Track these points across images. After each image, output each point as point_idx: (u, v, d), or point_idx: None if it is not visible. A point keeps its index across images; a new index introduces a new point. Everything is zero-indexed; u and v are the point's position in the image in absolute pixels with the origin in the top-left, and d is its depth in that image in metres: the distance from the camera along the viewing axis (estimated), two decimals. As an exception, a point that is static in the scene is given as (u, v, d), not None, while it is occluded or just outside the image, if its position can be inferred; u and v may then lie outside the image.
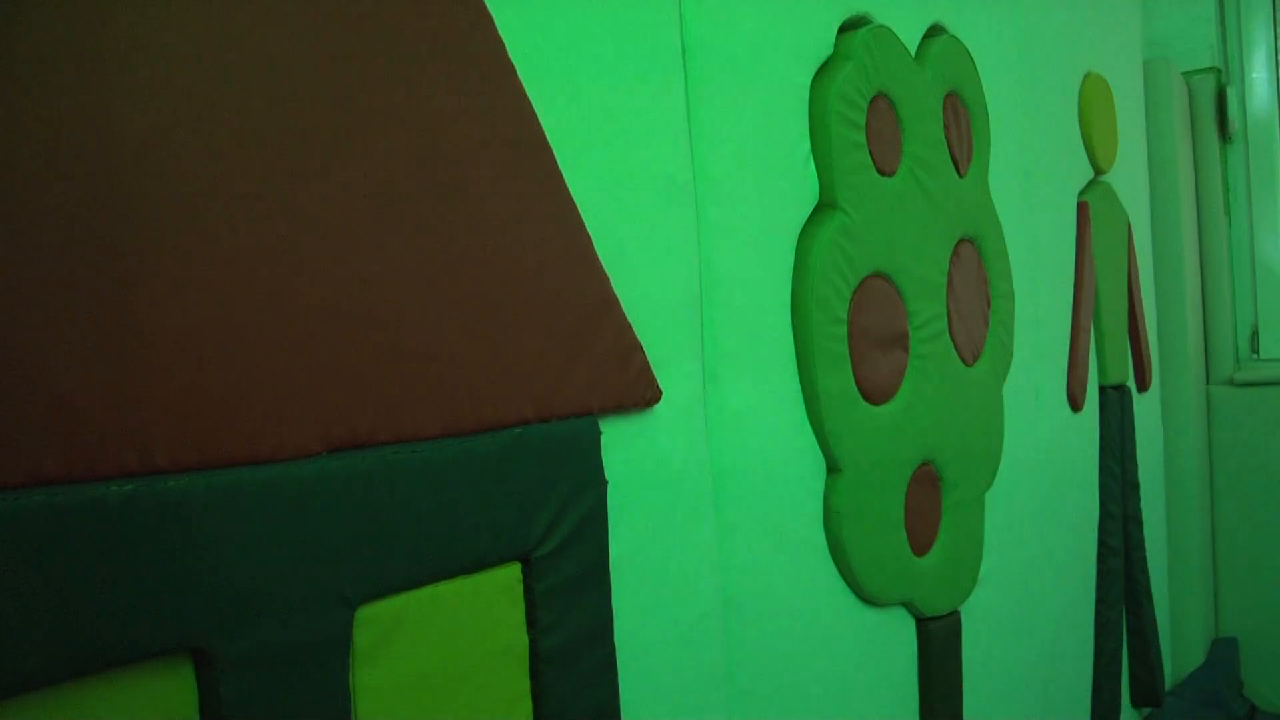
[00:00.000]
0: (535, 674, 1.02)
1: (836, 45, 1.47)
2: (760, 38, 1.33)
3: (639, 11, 1.15)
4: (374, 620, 0.87)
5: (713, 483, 1.21)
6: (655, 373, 1.12)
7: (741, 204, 1.28)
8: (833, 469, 1.40)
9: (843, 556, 1.41)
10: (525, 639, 1.01)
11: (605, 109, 1.10)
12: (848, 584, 1.45)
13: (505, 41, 0.98)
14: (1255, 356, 3.29)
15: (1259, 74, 3.25)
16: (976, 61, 1.84)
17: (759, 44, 1.33)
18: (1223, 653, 3.16)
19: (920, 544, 1.60)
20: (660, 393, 1.12)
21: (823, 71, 1.44)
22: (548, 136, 1.02)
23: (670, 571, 1.17)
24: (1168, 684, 2.85)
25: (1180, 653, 3.02)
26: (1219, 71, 3.27)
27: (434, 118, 0.92)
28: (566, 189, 1.04)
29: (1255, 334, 3.30)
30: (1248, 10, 3.25)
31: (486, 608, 0.97)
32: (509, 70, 0.99)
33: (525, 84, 1.00)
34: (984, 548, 1.80)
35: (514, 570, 1.00)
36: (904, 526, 1.55)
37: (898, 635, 1.59)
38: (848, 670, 1.47)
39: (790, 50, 1.39)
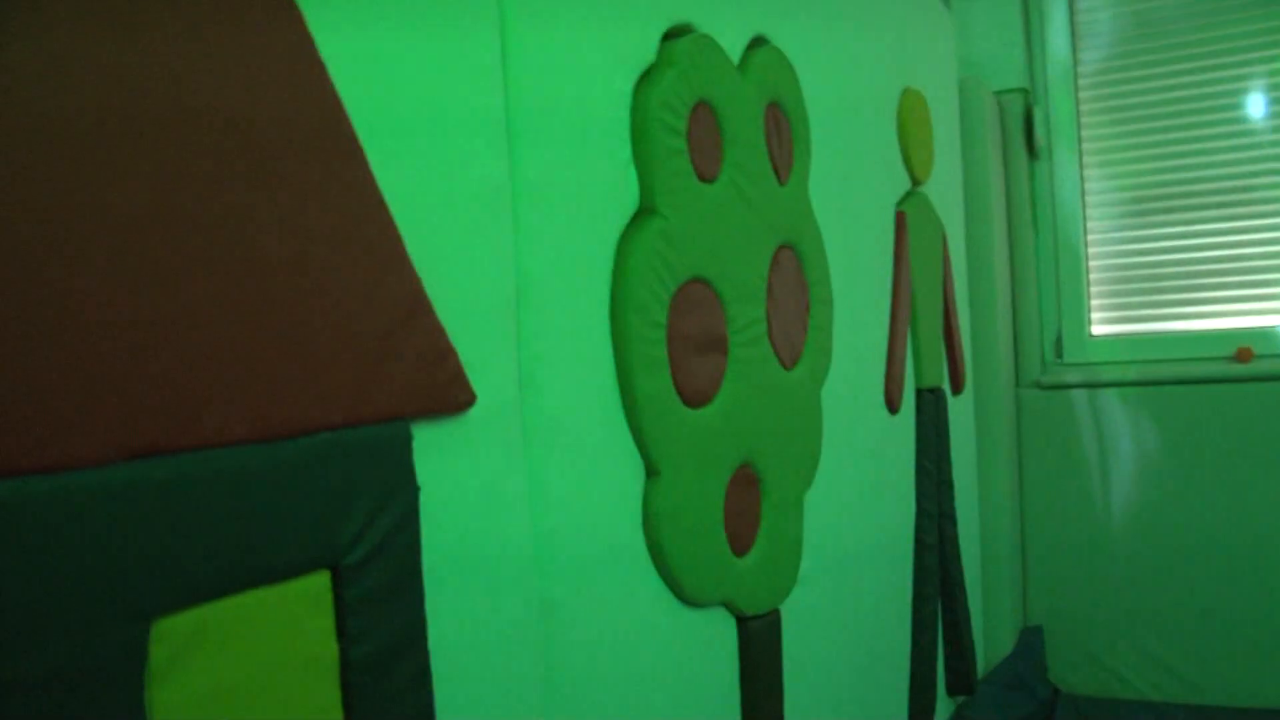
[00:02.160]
0: (346, 685, 1.00)
1: (659, 53, 1.48)
2: (582, 43, 1.33)
3: (458, 10, 1.14)
4: (171, 634, 0.83)
5: (529, 487, 1.21)
6: (469, 376, 1.11)
7: (560, 207, 1.28)
8: (652, 472, 1.41)
9: (662, 558, 1.43)
10: (335, 649, 0.99)
11: (421, 109, 1.08)
12: (668, 585, 1.46)
13: (314, 37, 0.96)
14: (1059, 361, 3.48)
15: (1061, 94, 3.44)
16: (798, 73, 1.89)
17: (581, 49, 1.33)
18: (1030, 641, 3.32)
19: (740, 544, 1.63)
20: (474, 396, 1.11)
21: (645, 78, 1.45)
22: (359, 135, 1.00)
23: (486, 577, 1.15)
24: (980, 672, 2.97)
25: (991, 642, 3.16)
26: (1027, 92, 3.44)
27: (236, 114, 0.89)
28: (378, 189, 1.02)
29: (1059, 340, 3.48)
30: (1052, 36, 3.43)
31: (293, 618, 0.94)
32: (317, 66, 0.96)
33: (336, 82, 0.98)
34: (803, 547, 1.84)
35: (322, 578, 0.97)
36: (724, 527, 1.57)
37: (718, 635, 1.61)
38: (669, 671, 1.48)
39: (612, 56, 1.40)
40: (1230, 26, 3.29)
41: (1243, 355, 3.24)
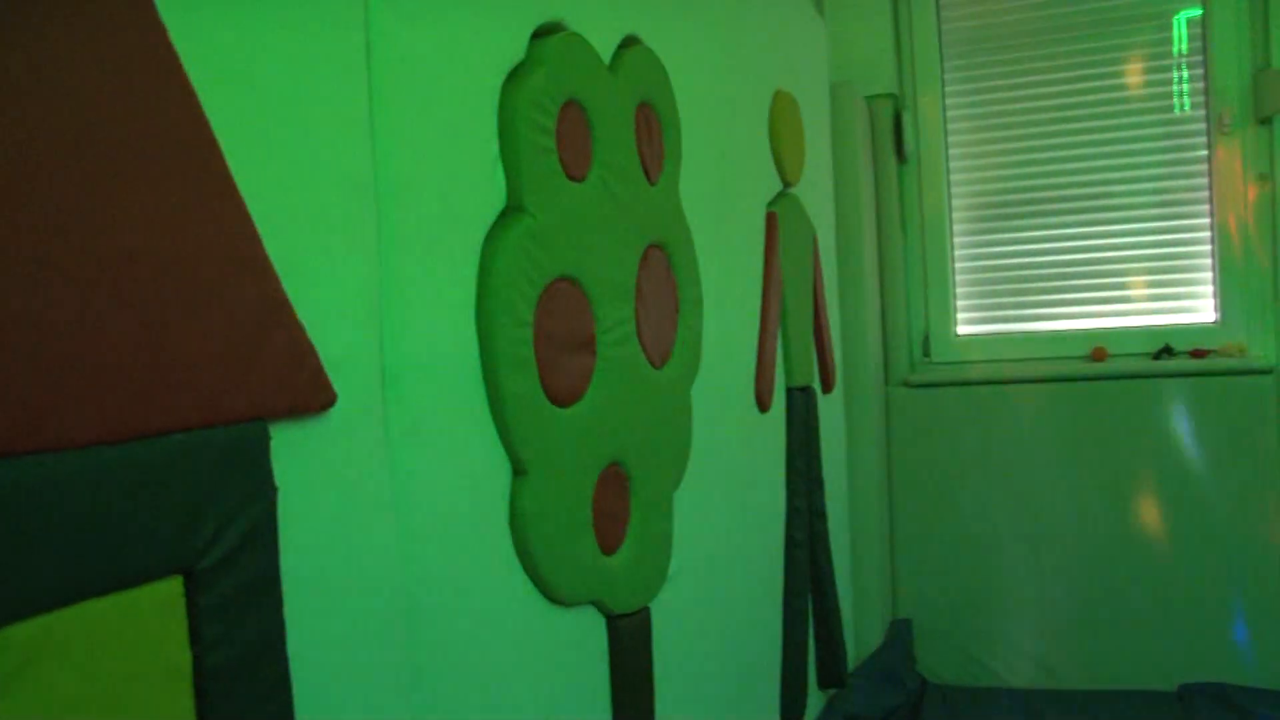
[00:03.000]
0: (200, 692, 0.97)
1: (529, 51, 1.48)
2: (450, 39, 1.32)
3: (320, 2, 1.12)
4: (11, 645, 0.80)
5: (392, 487, 1.19)
6: (330, 376, 1.09)
7: (425, 205, 1.26)
8: (519, 471, 1.40)
9: (530, 558, 1.42)
10: (188, 656, 0.96)
11: (280, 103, 1.06)
12: (535, 585, 1.46)
13: (168, 30, 0.93)
14: (927, 360, 3.57)
15: (929, 101, 3.54)
16: (670, 73, 1.90)
17: (449, 45, 1.32)
18: (899, 633, 3.41)
19: (609, 543, 1.63)
20: (335, 396, 1.09)
21: (514, 76, 1.44)
22: (214, 130, 0.97)
23: (348, 580, 1.14)
24: (851, 665, 3.04)
25: (862, 635, 3.23)
26: (896, 97, 3.53)
27: (86, 108, 0.86)
28: (234, 185, 0.99)
29: (927, 339, 3.58)
30: (921, 44, 3.53)
31: (144, 624, 0.91)
32: (172, 60, 0.93)
33: (192, 77, 0.95)
34: (673, 545, 1.86)
35: (175, 584, 0.94)
36: (592, 526, 1.58)
37: (587, 634, 1.61)
38: (537, 671, 1.48)
39: (481, 53, 1.38)
40: (1084, 42, 3.44)
41: (1098, 354, 3.38)
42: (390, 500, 1.19)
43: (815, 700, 2.75)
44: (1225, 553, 3.27)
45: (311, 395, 1.07)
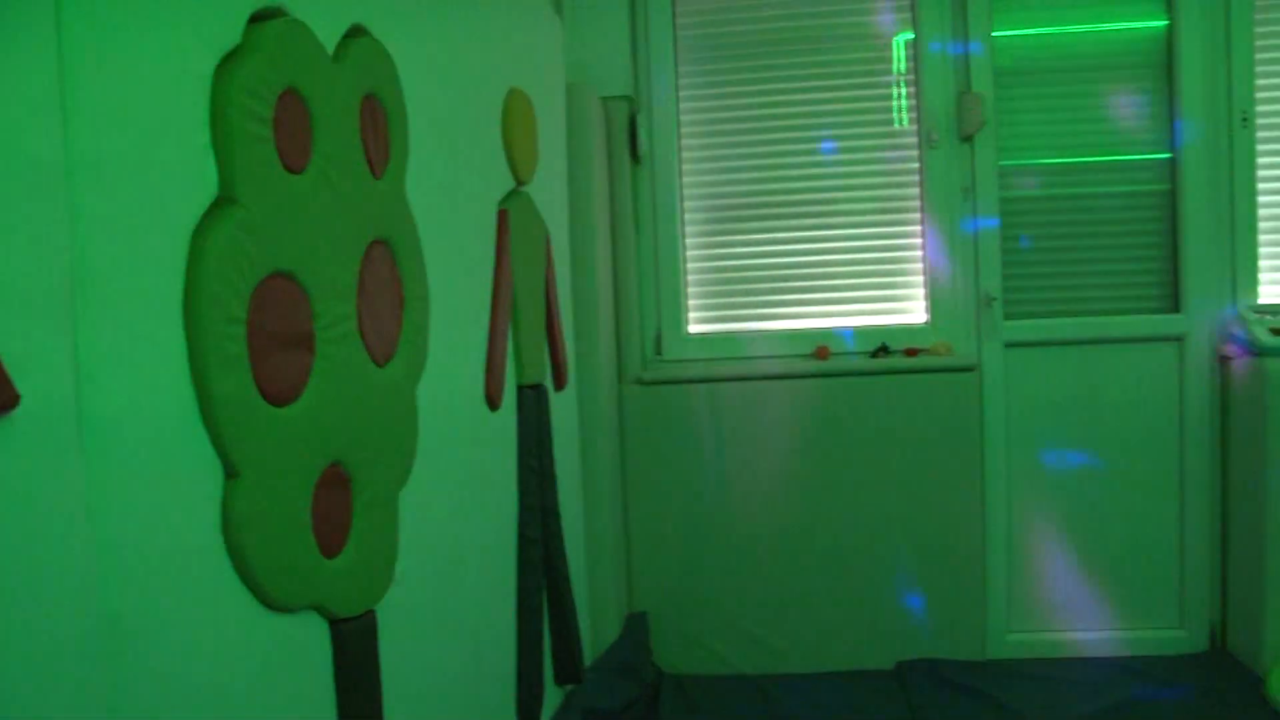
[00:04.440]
0: None
1: (245, 36, 1.41)
2: (156, 18, 1.24)
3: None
4: None
5: (87, 493, 1.11)
6: (12, 375, 1.00)
7: (126, 193, 1.18)
8: (231, 474, 1.34)
9: (245, 563, 1.36)
10: None
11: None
12: (251, 591, 1.39)
13: None
14: (659, 358, 3.66)
15: (663, 104, 3.62)
16: (399, 66, 1.86)
17: (155, 25, 1.24)
18: (635, 627, 3.47)
19: (330, 546, 1.58)
20: (17, 396, 1.01)
21: (228, 61, 1.37)
22: None
23: (37, 594, 1.05)
24: (588, 660, 3.07)
25: (599, 630, 3.27)
26: (632, 99, 3.59)
27: None
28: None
29: (659, 338, 3.66)
30: (657, 48, 3.61)
31: None
32: None
33: None
34: (401, 546, 1.83)
35: None
36: (312, 529, 1.53)
37: (310, 640, 1.56)
38: (256, 682, 1.42)
39: (192, 35, 1.31)
40: (813, 55, 3.63)
41: (821, 353, 3.56)
42: (84, 507, 1.11)
43: (552, 697, 2.76)
44: (935, 536, 3.52)
45: (-11, 396, 0.99)
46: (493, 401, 2.33)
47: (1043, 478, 3.61)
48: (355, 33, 1.74)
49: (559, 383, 2.87)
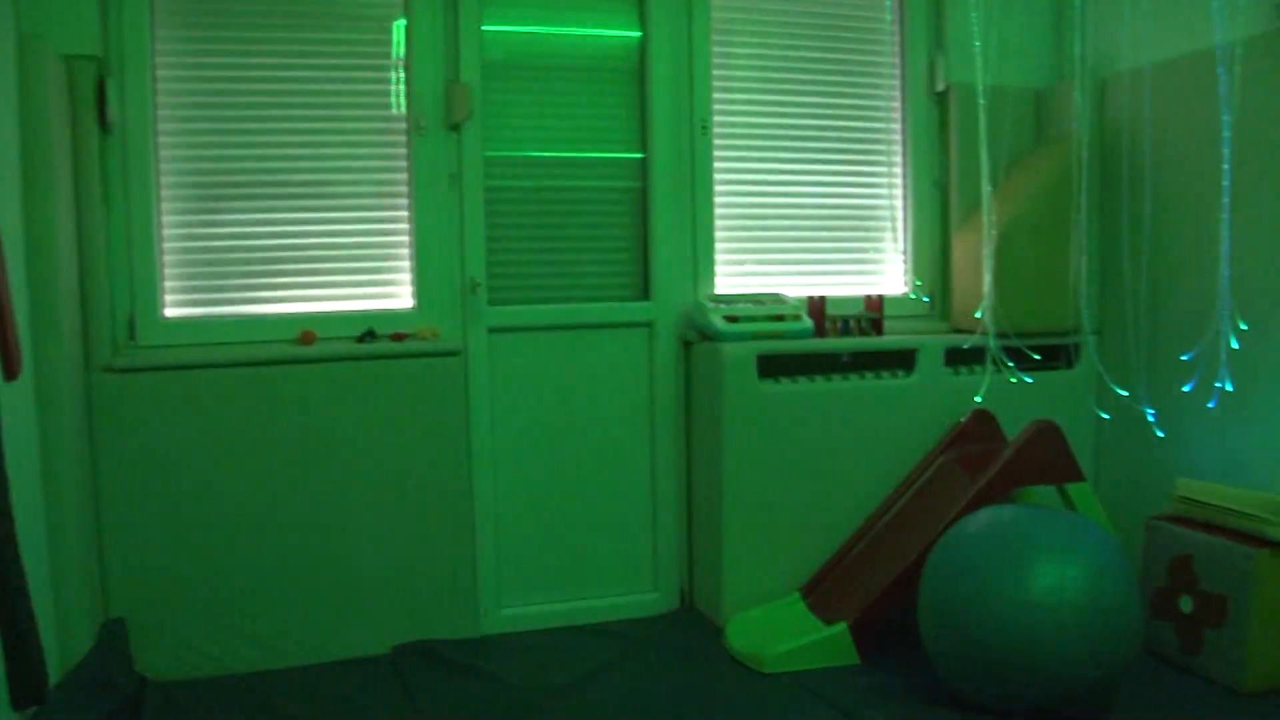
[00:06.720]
0: None
1: None
2: None
3: None
4: None
5: None
6: None
7: None
8: None
9: None
10: None
11: None
12: None
13: None
14: (133, 343, 3.40)
15: (137, 69, 3.35)
16: None
17: None
18: (112, 635, 3.22)
19: None
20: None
21: None
22: None
23: None
24: (55, 677, 2.80)
25: (67, 643, 2.99)
26: (100, 60, 3.28)
27: None
28: None
29: (133, 322, 3.40)
30: (130, 4, 3.32)
31: None
32: None
33: None
34: None
35: None
36: None
37: None
38: None
39: None
40: (310, 32, 3.55)
41: (306, 338, 3.49)
42: None
43: (11, 723, 2.49)
44: (425, 518, 3.59)
45: None
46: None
47: (527, 457, 3.80)
48: None
49: (10, 372, 2.58)
